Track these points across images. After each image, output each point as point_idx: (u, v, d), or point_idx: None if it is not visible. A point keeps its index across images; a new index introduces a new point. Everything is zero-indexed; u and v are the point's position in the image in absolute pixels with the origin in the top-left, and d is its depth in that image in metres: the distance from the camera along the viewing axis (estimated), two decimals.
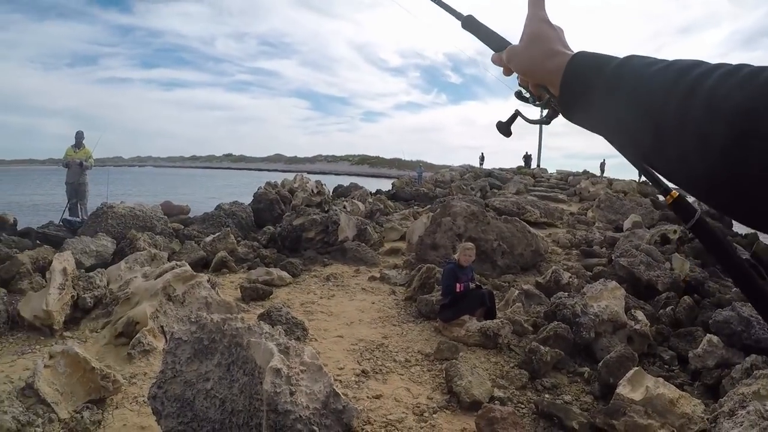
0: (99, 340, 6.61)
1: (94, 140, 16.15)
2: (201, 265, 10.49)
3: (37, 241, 11.47)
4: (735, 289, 9.62)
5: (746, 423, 4.12)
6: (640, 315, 7.69)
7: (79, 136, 15.37)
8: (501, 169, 42.70)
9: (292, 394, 3.43)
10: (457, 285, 7.43)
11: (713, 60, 0.76)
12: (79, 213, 15.00)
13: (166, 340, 4.24)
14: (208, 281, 7.59)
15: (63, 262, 7.25)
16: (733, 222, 21.43)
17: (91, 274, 7.75)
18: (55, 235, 11.88)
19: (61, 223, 14.00)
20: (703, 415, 5.08)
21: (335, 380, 5.75)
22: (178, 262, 7.82)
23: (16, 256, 8.62)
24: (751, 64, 0.70)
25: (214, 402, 3.77)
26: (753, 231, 19.29)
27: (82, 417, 4.68)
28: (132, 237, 10.46)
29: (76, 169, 15.04)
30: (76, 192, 15.26)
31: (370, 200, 20.44)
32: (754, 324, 6.98)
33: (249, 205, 16.02)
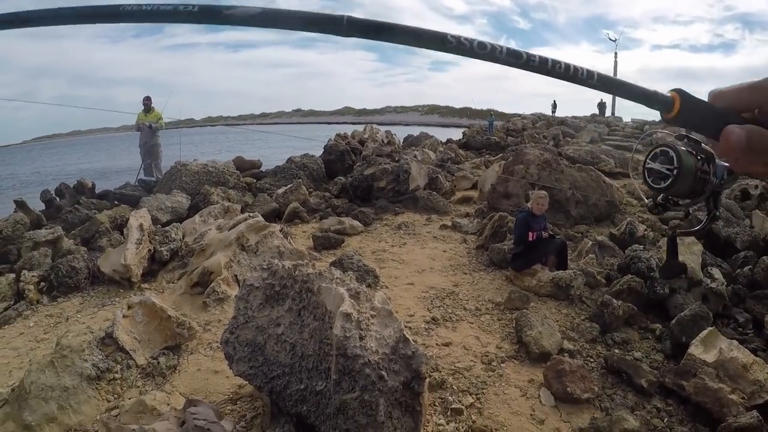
0: (175, 290, 6.85)
1: (163, 104, 16.56)
2: (274, 216, 10.68)
3: (115, 202, 11.92)
4: None
5: None
6: (716, 273, 7.44)
7: (146, 101, 15.83)
8: (574, 118, 41.79)
9: (361, 338, 3.44)
10: (530, 234, 7.37)
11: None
12: (154, 173, 15.47)
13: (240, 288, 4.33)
14: (281, 231, 7.70)
15: (139, 218, 7.50)
16: None
17: (166, 228, 8.00)
18: (131, 195, 12.23)
19: (137, 184, 14.42)
20: None
21: (405, 327, 5.81)
22: (251, 214, 7.96)
23: (95, 217, 8.99)
24: None
25: (285, 346, 3.84)
26: None
27: (158, 362, 4.89)
28: (206, 192, 10.72)
29: (146, 131, 15.52)
30: (149, 153, 15.81)
31: (441, 149, 20.33)
32: None
33: (320, 156, 16.11)
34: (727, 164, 0.99)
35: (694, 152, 0.98)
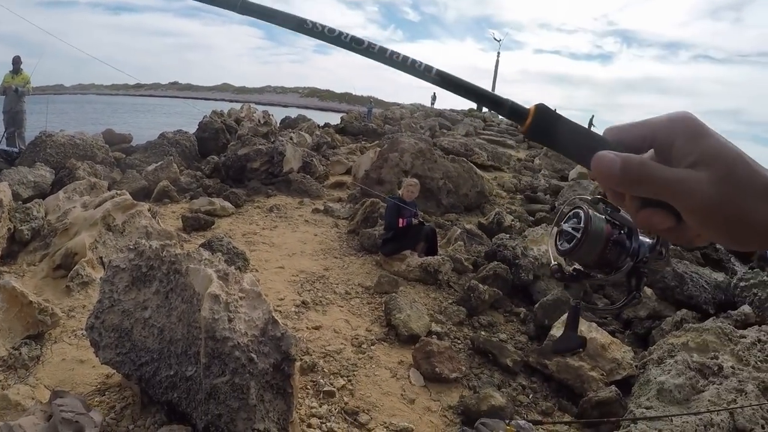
0: (37, 273, 6.40)
1: (33, 66, 15.40)
2: (142, 194, 10.23)
3: None
4: (672, 246, 10.12)
5: (673, 371, 4.29)
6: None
7: (16, 61, 14.61)
8: (452, 110, 42.80)
9: (230, 320, 3.38)
10: (400, 220, 7.50)
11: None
12: (17, 143, 14.37)
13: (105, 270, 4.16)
14: (149, 210, 7.44)
15: None
16: None
17: (28, 205, 7.44)
18: None
19: None
20: (632, 361, 5.35)
21: (275, 311, 5.79)
22: (119, 191, 7.64)
23: None
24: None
25: (153, 331, 3.71)
26: None
27: (20, 353, 4.57)
28: (71, 166, 10.16)
29: (12, 96, 14.30)
30: (13, 120, 14.47)
31: (318, 133, 20.28)
32: (687, 281, 7.30)
33: (193, 134, 15.61)
34: (650, 240, 0.89)
35: (611, 219, 0.89)
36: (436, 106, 49.90)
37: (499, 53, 59.12)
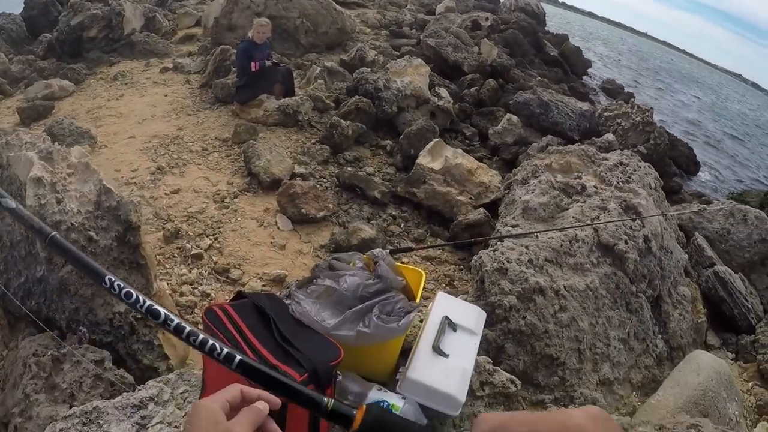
0: None
1: None
2: None
3: None
4: (539, 78, 10.38)
5: (538, 190, 4.38)
6: (443, 92, 7.89)
7: None
8: None
9: (59, 202, 3.04)
10: (252, 64, 7.07)
11: None
12: None
13: None
14: None
15: None
16: (546, 21, 21.78)
17: None
18: None
19: None
20: (499, 185, 5.54)
21: (129, 183, 5.53)
22: None
23: None
24: None
25: None
26: (564, 32, 19.98)
27: None
28: None
29: None
30: None
31: None
32: (552, 108, 7.48)
33: (19, 14, 13.92)
34: None
35: None
36: None
37: None
